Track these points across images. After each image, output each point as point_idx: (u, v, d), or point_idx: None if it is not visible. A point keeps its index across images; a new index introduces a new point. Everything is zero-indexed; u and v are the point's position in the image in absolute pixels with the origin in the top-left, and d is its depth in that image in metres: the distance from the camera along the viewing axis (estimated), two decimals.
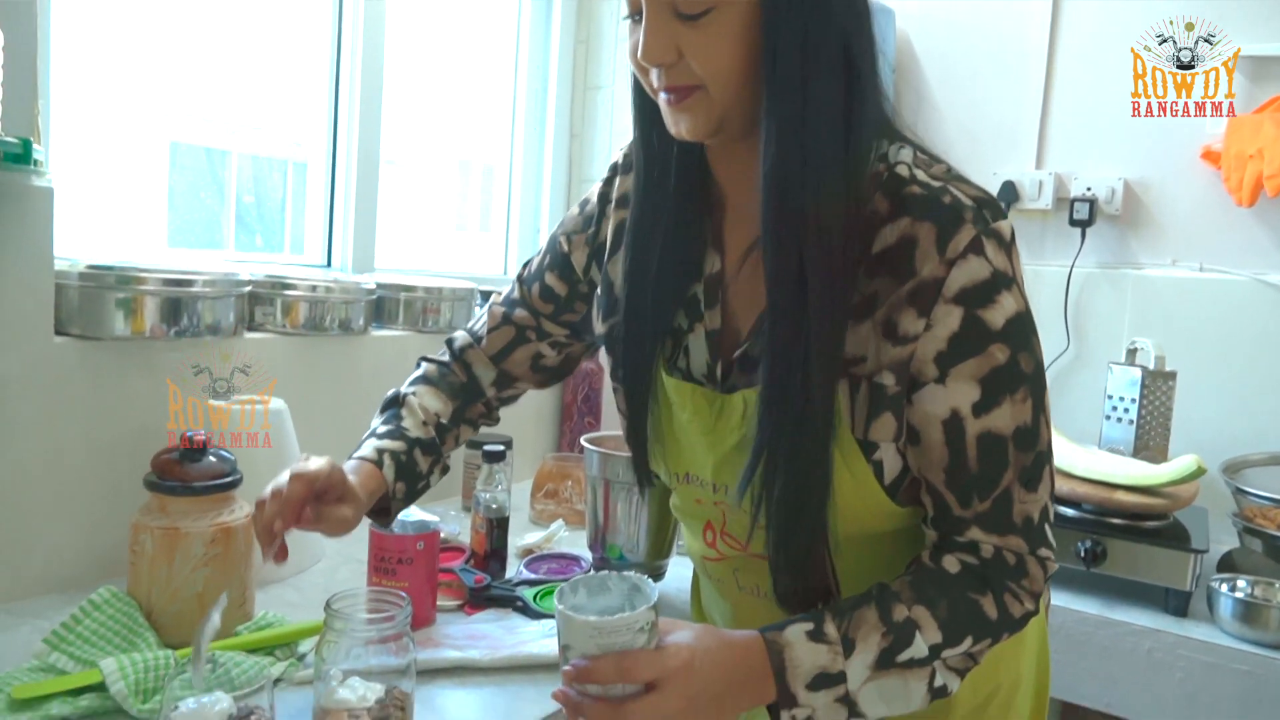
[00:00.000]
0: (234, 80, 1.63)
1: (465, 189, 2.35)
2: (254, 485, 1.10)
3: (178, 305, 1.19)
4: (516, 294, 1.06)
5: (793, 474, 0.73)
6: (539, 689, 0.96)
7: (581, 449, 1.30)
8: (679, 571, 1.33)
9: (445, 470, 1.03)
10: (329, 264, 1.74)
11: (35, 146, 0.99)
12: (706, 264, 0.83)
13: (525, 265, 1.07)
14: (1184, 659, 1.31)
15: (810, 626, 0.71)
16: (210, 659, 0.85)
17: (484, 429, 1.11)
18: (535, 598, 1.17)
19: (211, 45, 1.57)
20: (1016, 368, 0.71)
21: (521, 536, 1.41)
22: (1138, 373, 1.62)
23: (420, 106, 1.98)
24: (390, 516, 0.98)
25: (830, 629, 0.71)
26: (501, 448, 1.28)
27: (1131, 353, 1.69)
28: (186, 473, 1.00)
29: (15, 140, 0.96)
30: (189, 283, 1.20)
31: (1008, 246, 0.71)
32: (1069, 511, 1.47)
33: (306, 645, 0.98)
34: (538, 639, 1.05)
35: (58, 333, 1.12)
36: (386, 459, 0.94)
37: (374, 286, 1.53)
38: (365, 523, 1.13)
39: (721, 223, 0.83)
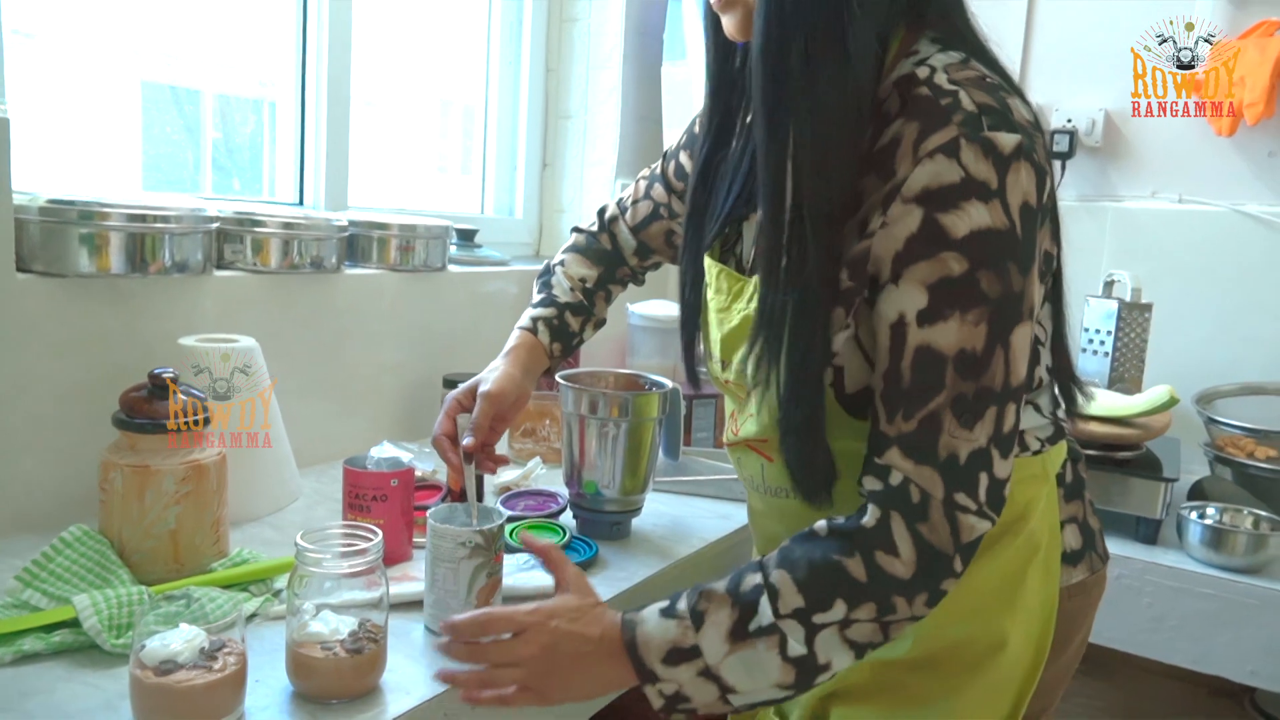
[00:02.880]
0: (205, 17, 1.58)
1: (445, 130, 2.31)
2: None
3: (143, 242, 1.17)
4: (659, 168, 1.14)
5: (790, 350, 0.74)
6: None
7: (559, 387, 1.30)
8: (654, 508, 1.34)
9: (600, 324, 1.18)
10: (301, 202, 1.71)
11: None
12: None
13: (670, 146, 1.14)
14: (1152, 584, 1.34)
15: (665, 604, 0.73)
16: (185, 594, 0.85)
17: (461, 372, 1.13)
18: (511, 533, 1.17)
19: None
20: (974, 285, 0.65)
21: (499, 474, 1.41)
22: (1114, 305, 1.63)
23: (396, 46, 1.93)
24: (552, 372, 1.16)
25: (682, 604, 0.72)
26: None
27: (1109, 285, 1.70)
28: (156, 409, 0.99)
29: None
30: (154, 219, 1.18)
31: (1001, 158, 0.65)
32: None
33: (282, 581, 0.99)
34: (513, 572, 1.05)
35: (19, 270, 1.10)
36: (540, 325, 1.11)
37: (346, 224, 1.50)
38: (340, 462, 1.14)
39: None
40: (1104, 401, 1.46)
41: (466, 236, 1.85)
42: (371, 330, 1.56)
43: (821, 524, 0.72)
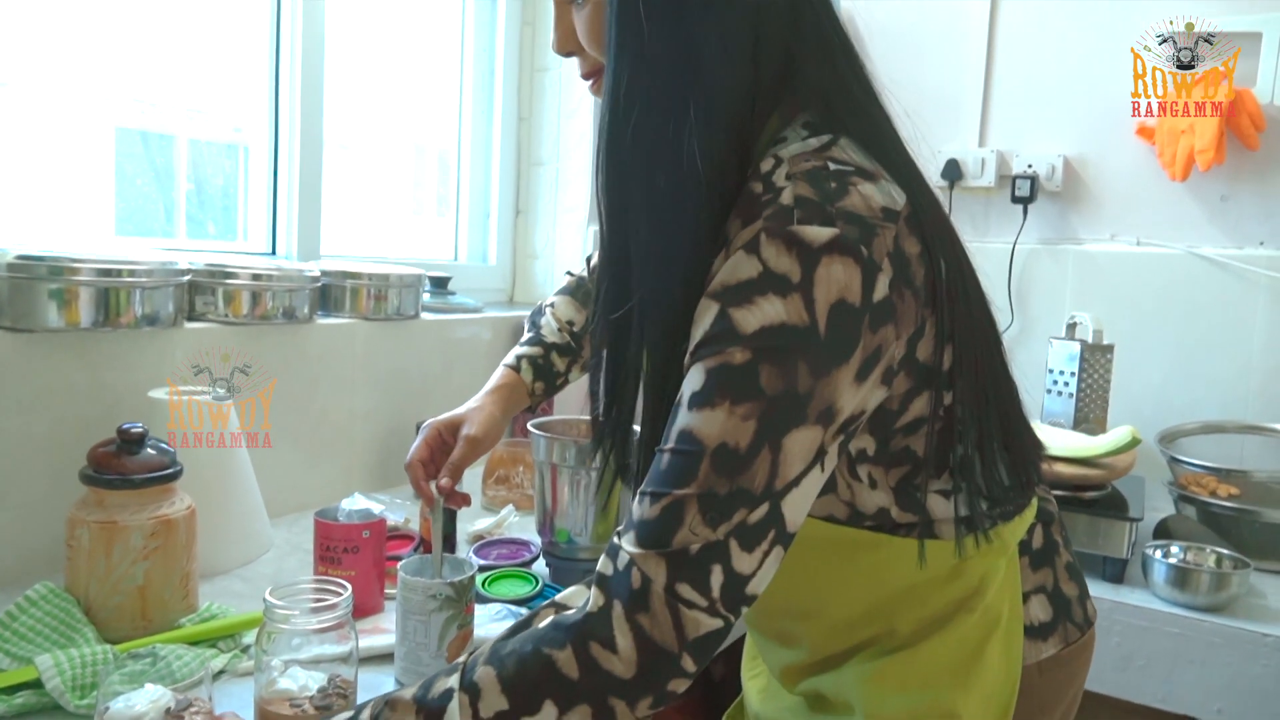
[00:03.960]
0: (179, 63, 1.59)
1: (421, 172, 2.32)
2: (196, 478, 1.10)
3: (113, 296, 1.17)
4: None
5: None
6: None
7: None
8: None
9: (586, 366, 1.17)
10: (274, 251, 1.72)
11: None
12: None
13: None
14: (1120, 624, 1.35)
15: (349, 714, 0.69)
16: (151, 652, 0.84)
17: None
18: (484, 583, 1.17)
19: (153, 27, 1.53)
20: (751, 378, 0.61)
21: (472, 523, 1.41)
22: (1076, 347, 1.66)
23: (370, 92, 1.95)
24: (533, 409, 1.17)
25: (365, 716, 0.67)
26: None
27: (1071, 327, 1.73)
28: (125, 465, 0.98)
29: None
30: (124, 272, 1.18)
31: (807, 253, 0.60)
32: None
33: (251, 636, 0.98)
34: (485, 623, 1.05)
35: None
36: (525, 364, 1.12)
37: (319, 274, 1.51)
38: (312, 511, 1.14)
39: None
40: (1069, 442, 1.49)
41: (440, 284, 1.87)
42: (344, 379, 1.56)
43: (547, 615, 0.68)
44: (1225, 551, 1.39)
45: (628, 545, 0.62)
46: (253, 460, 1.30)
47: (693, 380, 0.63)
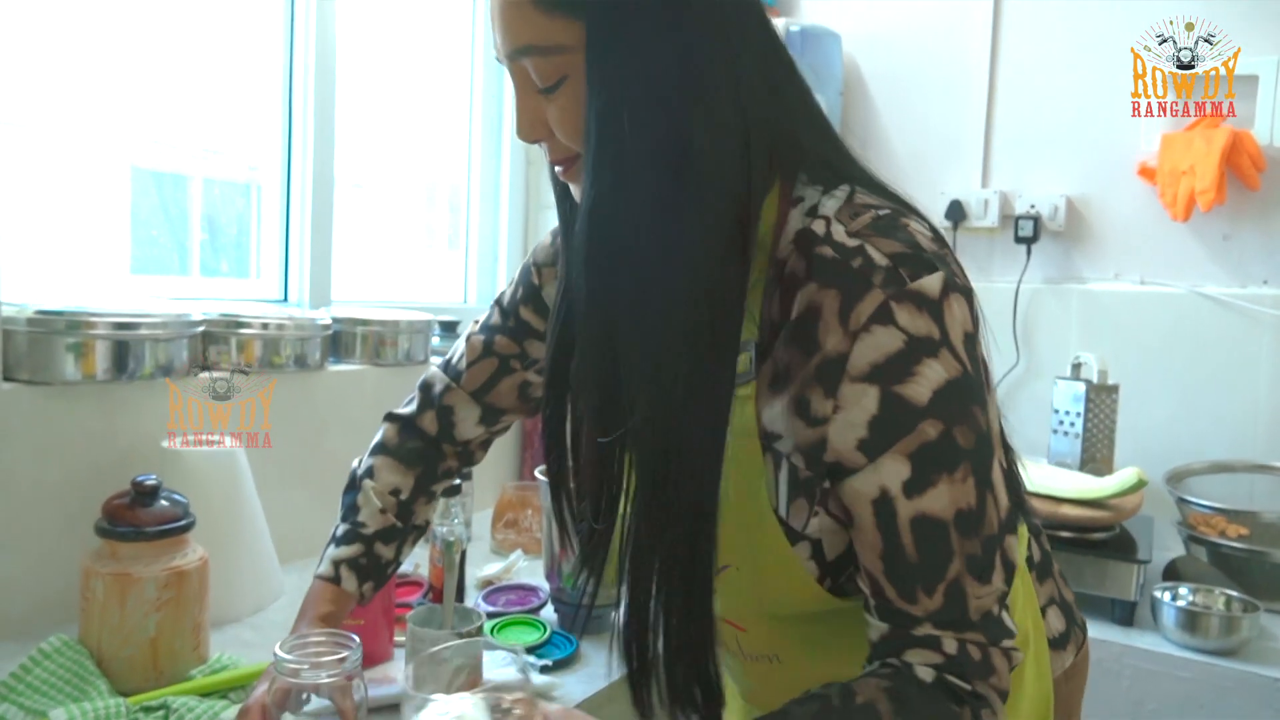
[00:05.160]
0: (194, 103, 1.63)
1: (431, 213, 2.36)
2: (208, 527, 1.11)
3: (128, 348, 1.20)
4: (496, 319, 1.01)
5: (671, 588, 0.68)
6: None
7: None
8: None
9: (422, 533, 1.03)
10: (286, 297, 1.75)
11: None
12: None
13: (502, 294, 1.03)
14: (1130, 667, 1.35)
15: None
16: (163, 705, 0.85)
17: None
18: (493, 630, 1.18)
19: (168, 67, 1.57)
20: (952, 443, 0.62)
21: (481, 567, 1.42)
22: (1082, 387, 1.67)
23: (382, 134, 1.99)
24: (365, 601, 0.98)
25: None
26: (458, 481, 1.29)
27: (1076, 367, 1.74)
28: (138, 517, 1.00)
29: None
30: (139, 325, 1.21)
31: (933, 305, 0.61)
32: None
33: None
34: (493, 669, 1.05)
35: (5, 378, 1.12)
36: (344, 570, 0.95)
37: (329, 321, 1.54)
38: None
39: None
40: (1075, 483, 1.49)
41: (449, 328, 1.89)
42: (353, 423, 1.57)
43: (921, 665, 0.64)
44: (1235, 594, 1.39)
45: (941, 633, 0.64)
46: (263, 505, 1.31)
47: (893, 472, 0.62)
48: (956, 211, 2.00)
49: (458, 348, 1.04)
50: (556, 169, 0.73)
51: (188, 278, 1.68)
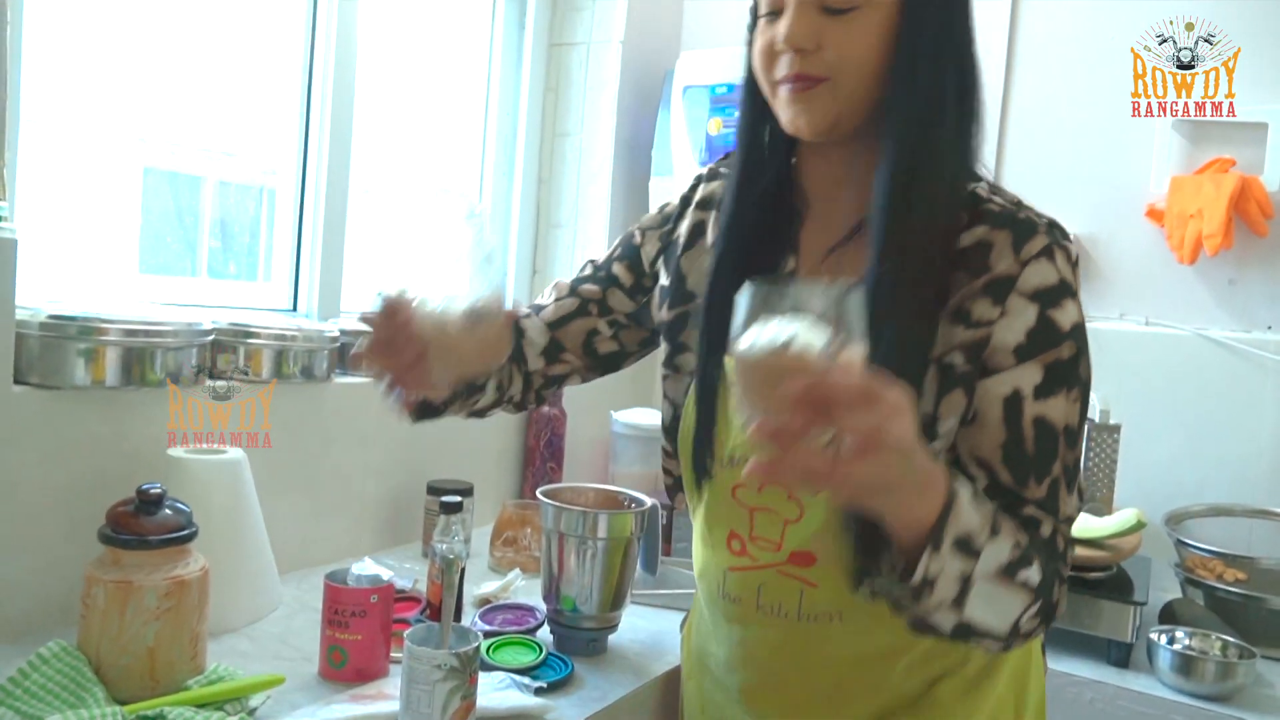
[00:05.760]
0: (211, 106, 1.65)
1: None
2: (209, 536, 1.12)
3: (139, 355, 1.21)
4: (588, 271, 1.10)
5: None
6: None
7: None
8: (632, 622, 1.35)
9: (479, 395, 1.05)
10: (295, 307, 1.76)
11: (0, 204, 1.01)
12: (784, 265, 0.90)
13: (596, 257, 1.12)
14: (1124, 709, 1.34)
15: (971, 490, 0.71)
16: (159, 715, 0.86)
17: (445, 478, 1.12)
18: (488, 650, 1.18)
19: (184, 68, 1.58)
20: (1076, 369, 0.78)
21: (479, 584, 1.43)
22: None
23: (396, 148, 2.01)
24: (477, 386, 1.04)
25: (986, 505, 0.72)
26: (458, 499, 1.29)
27: None
28: (142, 525, 1.01)
29: None
30: (151, 333, 1.22)
31: (1074, 263, 0.80)
32: None
33: (258, 699, 0.99)
34: (488, 691, 1.06)
35: (16, 381, 1.13)
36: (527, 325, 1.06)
37: (338, 333, 1.55)
38: (321, 568, 1.15)
39: (799, 230, 0.91)
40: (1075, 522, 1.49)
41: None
42: (358, 437, 1.58)
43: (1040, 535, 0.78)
44: (1231, 639, 1.38)
45: (1042, 516, 0.77)
46: (265, 515, 1.32)
47: (1028, 375, 0.77)
48: None
49: (545, 290, 1.12)
50: (793, 85, 0.81)
51: (196, 279, 1.70)
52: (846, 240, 0.86)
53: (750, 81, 0.88)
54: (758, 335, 0.59)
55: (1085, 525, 1.47)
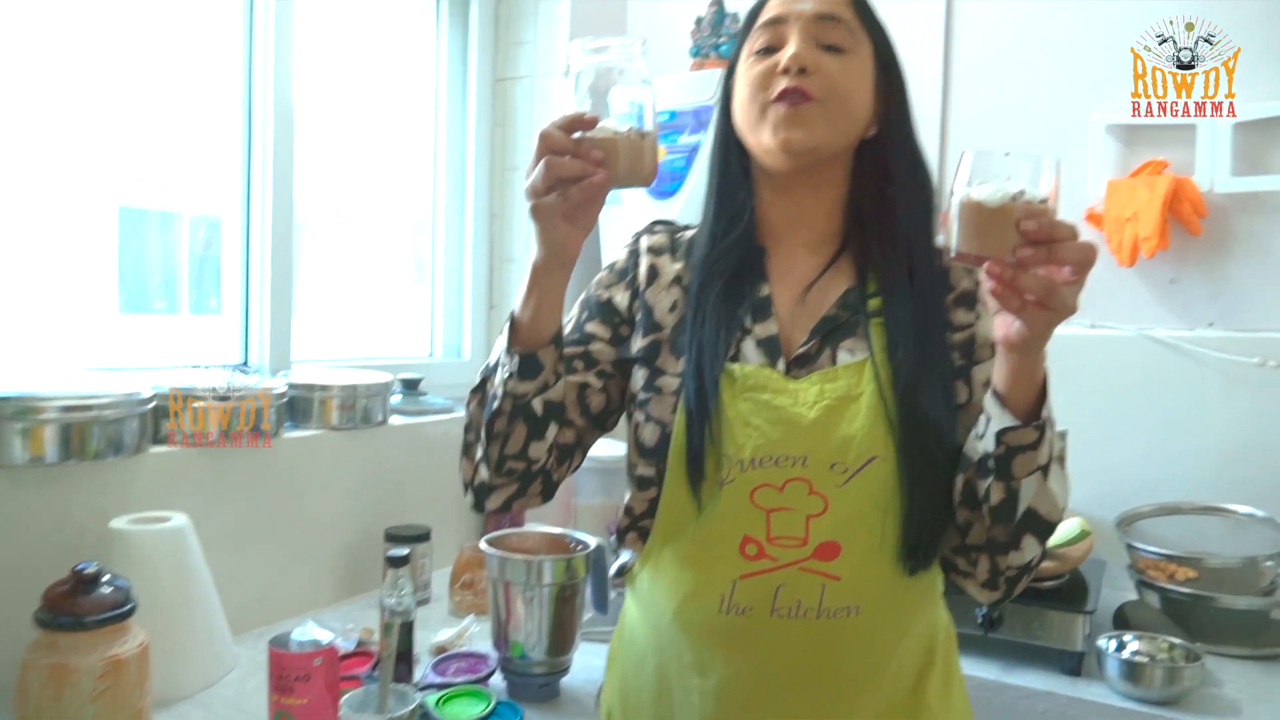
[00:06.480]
0: (180, 144, 1.68)
1: (401, 257, 2.38)
2: (155, 606, 1.13)
3: (77, 430, 1.22)
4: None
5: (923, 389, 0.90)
6: None
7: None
8: (586, 660, 1.36)
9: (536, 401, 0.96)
10: (246, 361, 1.77)
11: None
12: (757, 290, 0.98)
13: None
14: None
15: None
16: None
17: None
18: (438, 703, 1.19)
19: (138, 110, 1.61)
20: None
21: (436, 631, 1.43)
22: None
23: (346, 184, 2.02)
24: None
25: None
26: (405, 551, 1.30)
27: None
28: (78, 605, 1.01)
29: None
30: (88, 407, 1.23)
31: None
32: None
33: None
34: None
35: None
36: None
37: (285, 389, 1.56)
38: (280, 626, 1.16)
39: (767, 260, 1.00)
40: None
41: (410, 385, 1.91)
42: (311, 489, 1.59)
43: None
44: (1178, 641, 1.40)
45: None
46: (218, 574, 1.33)
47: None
48: None
49: None
50: (790, 99, 0.91)
51: (176, 315, 1.73)
52: (823, 273, 0.97)
53: (725, 120, 0.99)
54: (992, 189, 0.75)
55: None
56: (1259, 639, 1.51)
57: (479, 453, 0.97)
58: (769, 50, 0.94)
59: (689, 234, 1.05)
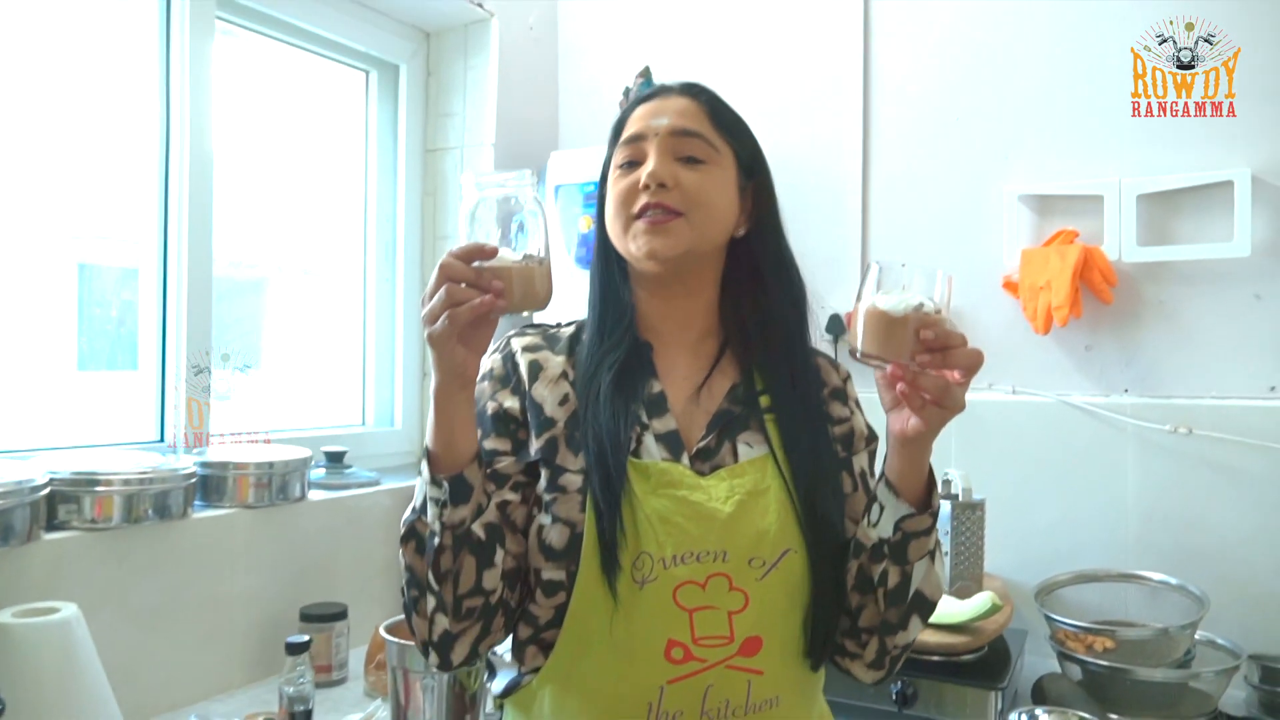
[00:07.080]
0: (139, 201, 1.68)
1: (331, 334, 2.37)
2: (37, 704, 1.09)
3: None
4: None
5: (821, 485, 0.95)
6: None
7: None
8: None
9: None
10: (163, 438, 1.74)
11: None
12: (649, 386, 0.98)
13: None
14: None
15: None
16: None
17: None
18: None
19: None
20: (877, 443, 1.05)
21: (344, 716, 1.41)
22: (948, 506, 1.70)
23: (280, 247, 2.02)
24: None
25: None
26: (305, 639, 1.28)
27: (944, 484, 1.77)
28: None
29: None
30: None
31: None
32: None
33: None
34: None
35: None
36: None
37: (193, 470, 1.53)
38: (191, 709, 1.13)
39: (653, 354, 1.01)
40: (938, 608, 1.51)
41: (335, 459, 1.89)
42: (223, 569, 1.56)
43: None
44: (1088, 717, 1.40)
45: None
46: (121, 661, 1.30)
47: (867, 454, 1.04)
48: (837, 325, 2.05)
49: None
50: (652, 215, 0.94)
51: (136, 372, 1.72)
52: (711, 371, 1.01)
53: (601, 224, 1.02)
54: (895, 299, 0.83)
55: (944, 611, 1.49)
56: (1177, 709, 1.51)
57: (431, 603, 0.89)
58: (632, 165, 0.97)
59: (566, 330, 1.05)
